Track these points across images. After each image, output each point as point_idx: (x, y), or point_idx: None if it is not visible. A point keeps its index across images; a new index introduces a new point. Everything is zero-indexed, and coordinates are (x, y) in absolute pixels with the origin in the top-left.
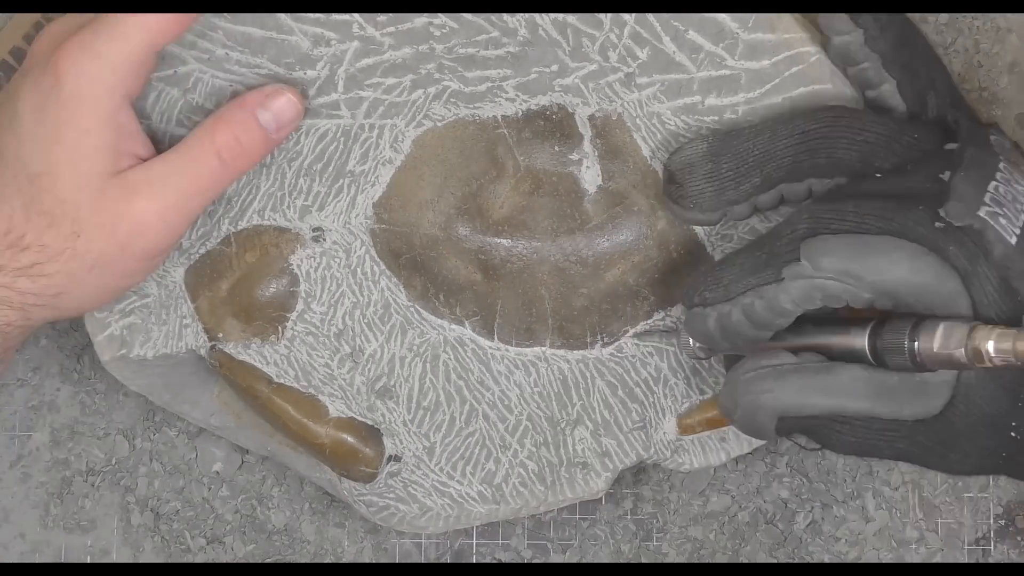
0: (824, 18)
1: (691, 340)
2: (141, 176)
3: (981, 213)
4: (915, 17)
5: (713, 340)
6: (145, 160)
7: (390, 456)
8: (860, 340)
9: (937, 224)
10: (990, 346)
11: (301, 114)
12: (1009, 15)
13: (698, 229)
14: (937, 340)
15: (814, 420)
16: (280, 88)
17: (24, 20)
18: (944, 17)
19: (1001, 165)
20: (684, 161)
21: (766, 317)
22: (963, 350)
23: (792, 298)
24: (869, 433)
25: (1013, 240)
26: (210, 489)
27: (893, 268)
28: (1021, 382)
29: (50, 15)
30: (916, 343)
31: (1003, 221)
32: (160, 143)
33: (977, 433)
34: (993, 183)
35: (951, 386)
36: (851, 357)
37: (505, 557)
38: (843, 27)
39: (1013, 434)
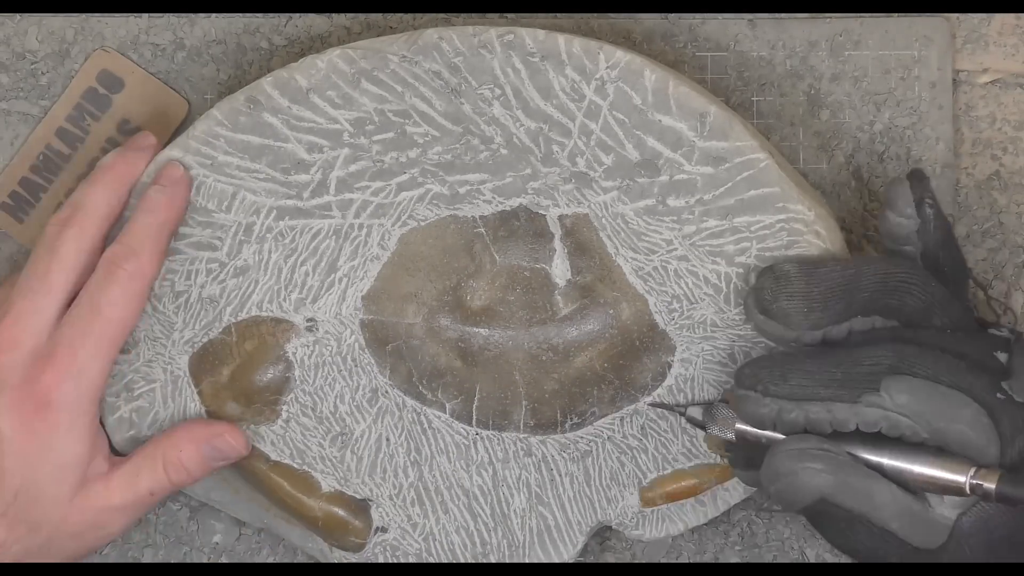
0: (891, 192)
1: (727, 418)
2: (103, 490)
3: None
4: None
5: (762, 423)
6: (103, 449)
7: (377, 527)
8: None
9: (999, 395)
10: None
11: (243, 455)
12: (938, 126)
13: (657, 317)
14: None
15: (842, 512)
16: (228, 431)
17: (19, 166)
18: (879, 126)
19: None
20: (779, 276)
21: (825, 426)
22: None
23: (861, 420)
24: (878, 542)
25: None
26: (210, 559)
27: (957, 421)
28: (1002, 543)
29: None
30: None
31: None
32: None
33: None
34: None
35: (949, 528)
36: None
37: None
38: (905, 210)
39: None
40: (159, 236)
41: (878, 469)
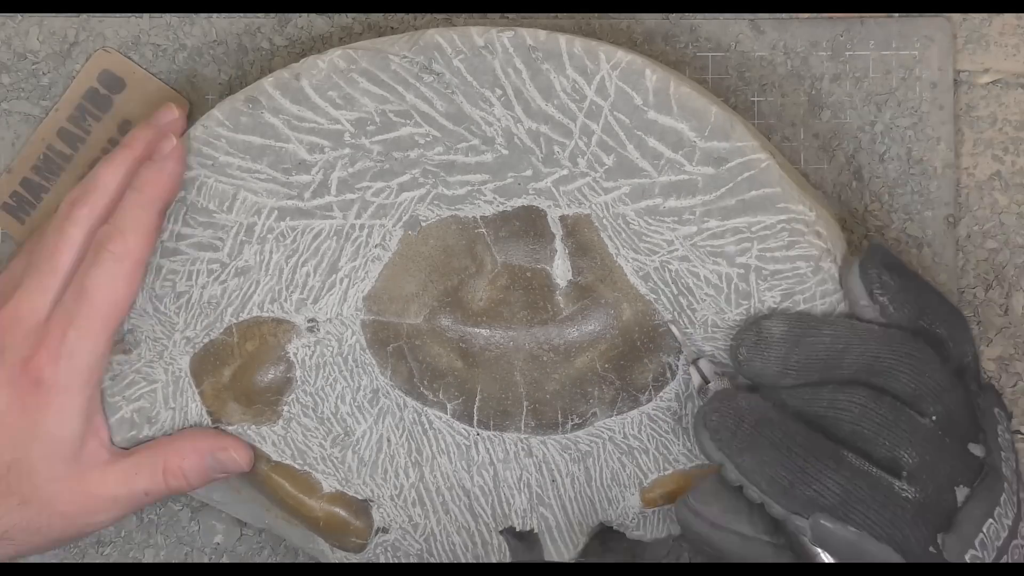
0: (844, 282)
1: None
2: (99, 477)
3: (967, 557)
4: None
5: (707, 456)
6: (101, 435)
7: (378, 528)
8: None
9: (931, 549)
10: None
11: (244, 470)
12: (939, 127)
13: (658, 317)
14: None
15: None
16: (234, 446)
17: (21, 166)
18: (880, 126)
19: (1002, 498)
20: (760, 337)
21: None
22: None
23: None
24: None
25: None
26: (211, 559)
27: (867, 558)
28: None
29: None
30: None
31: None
32: (167, 240)
33: None
34: (988, 521)
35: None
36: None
37: None
38: (859, 302)
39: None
40: (147, 214)
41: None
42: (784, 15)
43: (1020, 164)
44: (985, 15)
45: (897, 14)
